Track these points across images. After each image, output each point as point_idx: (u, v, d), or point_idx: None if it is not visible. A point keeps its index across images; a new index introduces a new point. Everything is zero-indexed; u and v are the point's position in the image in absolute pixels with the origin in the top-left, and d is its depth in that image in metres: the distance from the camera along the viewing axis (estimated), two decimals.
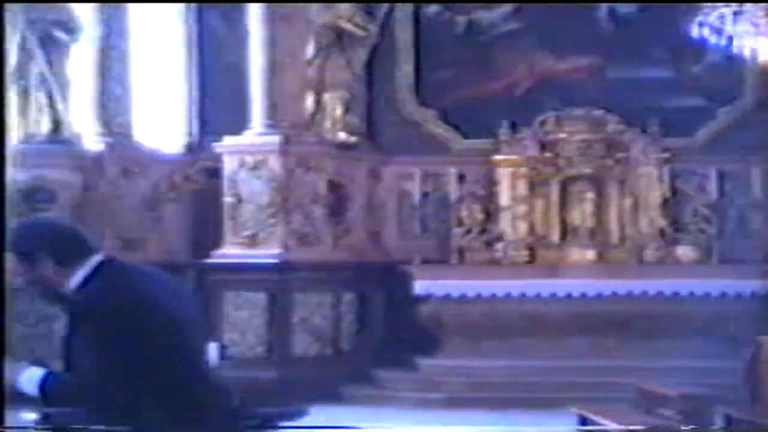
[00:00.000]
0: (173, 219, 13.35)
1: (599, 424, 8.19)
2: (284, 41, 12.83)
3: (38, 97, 12.86)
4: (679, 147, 13.36)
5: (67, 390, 4.27)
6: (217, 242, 12.75)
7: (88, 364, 4.15)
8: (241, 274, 12.46)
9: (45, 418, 6.54)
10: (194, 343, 4.43)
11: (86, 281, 4.26)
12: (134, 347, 4.14)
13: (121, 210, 12.73)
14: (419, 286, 12.86)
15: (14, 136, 12.86)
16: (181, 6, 14.09)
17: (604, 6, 13.82)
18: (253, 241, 12.69)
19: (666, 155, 13.33)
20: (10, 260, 4.42)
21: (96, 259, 4.30)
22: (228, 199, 12.79)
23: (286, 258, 12.60)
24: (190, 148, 14.05)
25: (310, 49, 13.34)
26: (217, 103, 13.92)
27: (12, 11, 12.70)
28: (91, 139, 13.17)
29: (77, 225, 4.54)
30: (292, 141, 12.79)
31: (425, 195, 13.81)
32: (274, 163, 12.78)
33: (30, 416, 6.72)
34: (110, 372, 4.14)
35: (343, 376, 12.41)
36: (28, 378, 4.24)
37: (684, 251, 13.31)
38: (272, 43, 12.79)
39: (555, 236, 13.42)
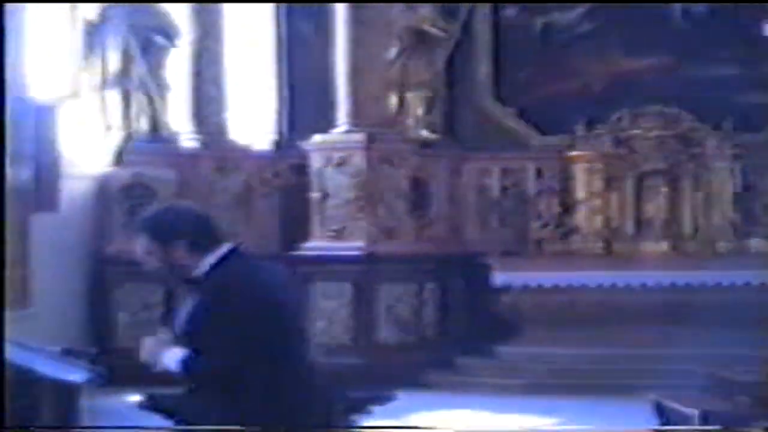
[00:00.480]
0: (264, 213, 13.54)
1: (675, 411, 8.24)
2: (368, 44, 12.93)
3: (139, 99, 13.16)
4: (751, 143, 13.34)
5: (207, 369, 4.39)
6: (305, 235, 12.92)
7: (220, 344, 4.30)
8: (329, 265, 12.58)
9: (150, 399, 6.74)
10: (300, 329, 4.58)
11: (214, 267, 4.41)
12: (255, 330, 4.29)
13: (215, 204, 12.83)
14: (498, 277, 12.94)
15: (116, 135, 13.27)
16: (271, 10, 14.30)
17: (678, 6, 13.80)
18: (339, 234, 12.82)
19: (738, 151, 13.31)
20: (143, 242, 4.49)
21: (225, 247, 4.44)
22: (315, 195, 12.94)
23: (370, 250, 12.71)
24: (280, 146, 14.20)
25: (392, 51, 13.44)
26: (305, 102, 14.04)
27: (115, 19, 13.05)
28: (187, 138, 13.47)
29: (211, 214, 4.66)
30: (376, 139, 12.89)
31: (504, 189, 13.85)
32: (359, 160, 12.88)
33: (135, 398, 6.95)
34: (233, 352, 4.28)
35: (425, 363, 12.50)
36: (171, 356, 4.42)
37: (755, 243, 13.31)
38: (356, 46, 12.90)
39: (630, 228, 13.47)
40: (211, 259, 4.42)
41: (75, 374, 7.10)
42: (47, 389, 6.99)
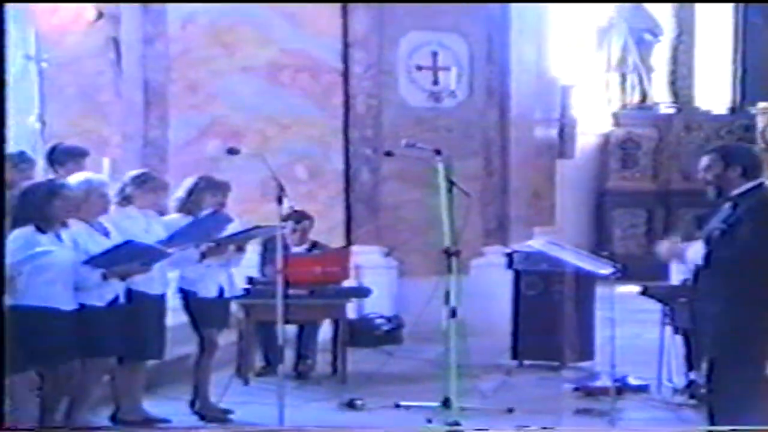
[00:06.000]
0: None
1: None
2: None
3: (632, 79, 14.15)
4: None
5: (717, 259, 4.47)
6: None
7: (731, 240, 4.45)
8: None
9: (645, 289, 6.83)
10: None
11: (748, 190, 4.52)
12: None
13: (683, 154, 13.85)
14: None
15: (615, 105, 14.21)
16: (731, 7, 14.25)
17: None
18: None
19: None
20: (708, 159, 4.55)
21: (760, 181, 4.58)
22: (760, 146, 13.03)
23: None
24: (733, 111, 14.41)
25: None
26: (754, 77, 14.13)
27: (618, 23, 13.76)
28: (665, 105, 14.33)
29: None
30: None
31: None
32: None
33: (634, 289, 6.92)
34: (741, 246, 4.42)
35: None
36: (693, 250, 4.57)
37: None
38: None
39: None
40: (752, 184, 4.53)
41: (602, 268, 7.07)
42: (570, 277, 7.57)
